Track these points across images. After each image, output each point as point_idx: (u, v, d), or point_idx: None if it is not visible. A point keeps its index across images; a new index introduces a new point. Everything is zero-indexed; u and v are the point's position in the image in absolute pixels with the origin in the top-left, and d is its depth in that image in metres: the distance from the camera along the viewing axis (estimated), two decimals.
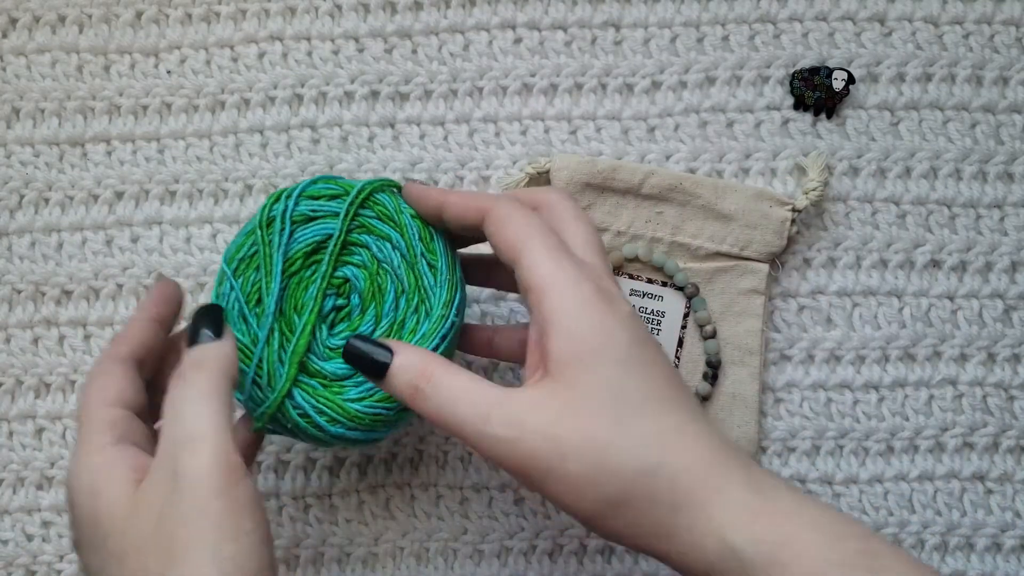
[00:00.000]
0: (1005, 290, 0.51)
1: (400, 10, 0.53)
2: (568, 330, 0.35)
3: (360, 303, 0.42)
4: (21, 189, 0.52)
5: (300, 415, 0.40)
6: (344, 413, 0.40)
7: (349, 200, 0.42)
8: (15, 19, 0.53)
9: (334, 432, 0.40)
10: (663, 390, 0.36)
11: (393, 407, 0.40)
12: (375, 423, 0.40)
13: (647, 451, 0.34)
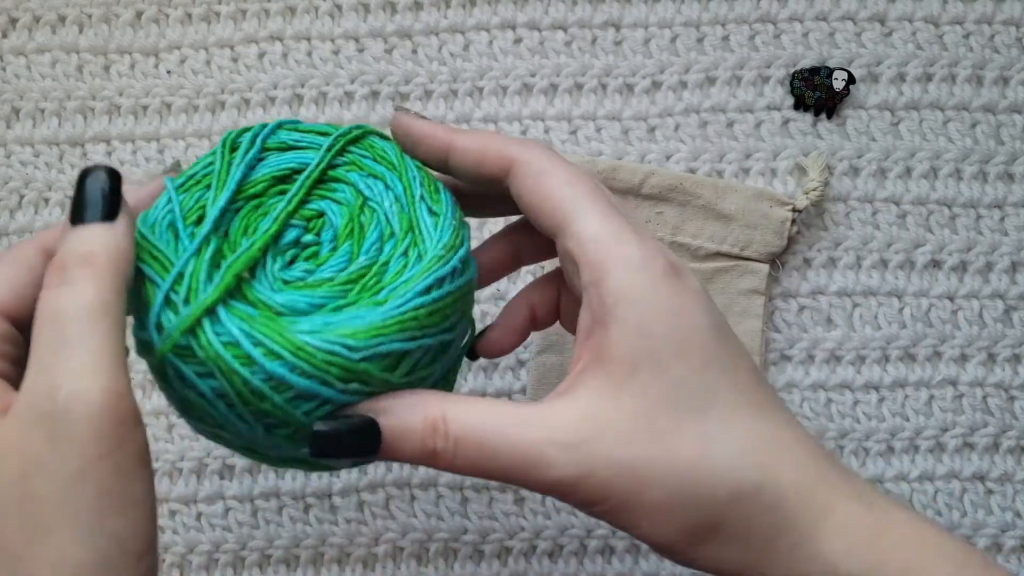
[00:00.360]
0: (1005, 290, 0.51)
1: (400, 10, 0.53)
2: (639, 323, 0.28)
3: (333, 241, 0.32)
4: (21, 189, 0.52)
5: (225, 344, 0.28)
6: (288, 344, 0.28)
7: (338, 133, 0.34)
8: (15, 19, 0.53)
9: (271, 369, 0.28)
10: (753, 390, 0.30)
11: (357, 346, 0.28)
12: (329, 367, 0.28)
13: (743, 470, 0.28)
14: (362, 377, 0.29)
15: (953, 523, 0.50)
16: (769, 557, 0.29)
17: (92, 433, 0.25)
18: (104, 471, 0.25)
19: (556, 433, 0.28)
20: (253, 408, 0.28)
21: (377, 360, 0.29)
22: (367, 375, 0.29)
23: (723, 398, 0.29)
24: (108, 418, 0.25)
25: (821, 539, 0.28)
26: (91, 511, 0.25)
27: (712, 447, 0.28)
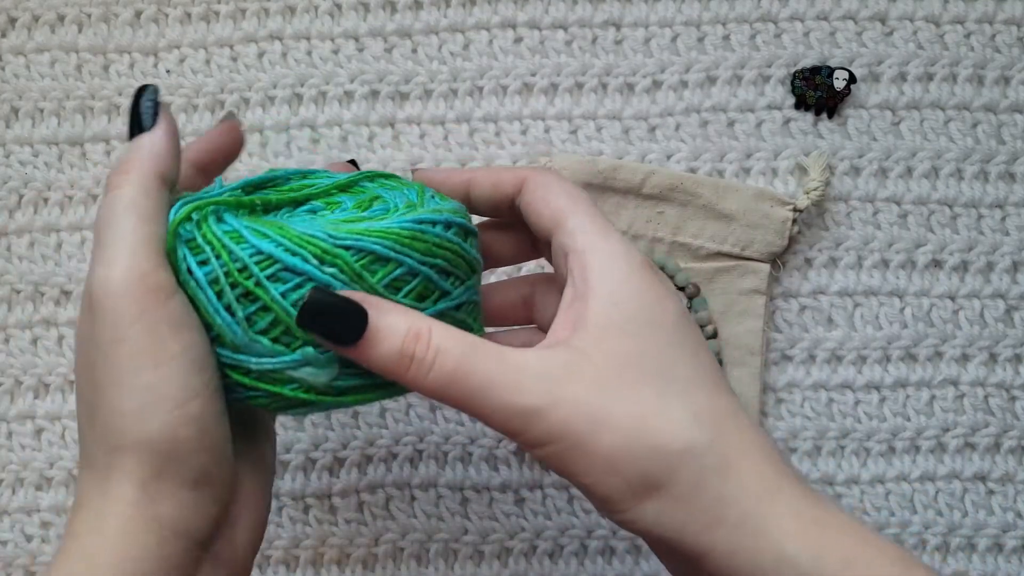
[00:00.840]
0: (1007, 290, 0.51)
1: (400, 9, 0.52)
2: (614, 294, 0.32)
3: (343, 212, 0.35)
4: (20, 189, 0.52)
5: (224, 232, 0.31)
6: (276, 228, 0.31)
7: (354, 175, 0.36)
8: (14, 18, 0.53)
9: (255, 243, 0.31)
10: (712, 374, 0.32)
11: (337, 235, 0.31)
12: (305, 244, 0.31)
13: (697, 428, 0.30)
14: (339, 263, 0.31)
15: (954, 523, 0.50)
16: (713, 525, 0.29)
17: (119, 306, 0.29)
18: (135, 335, 0.29)
19: (530, 365, 0.30)
20: (239, 288, 0.31)
21: (356, 253, 0.31)
22: (344, 262, 0.31)
23: (684, 372, 0.31)
24: (132, 293, 0.29)
25: (769, 516, 0.29)
26: (126, 369, 0.29)
27: (670, 405, 0.30)
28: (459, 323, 0.34)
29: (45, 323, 0.51)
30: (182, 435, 0.29)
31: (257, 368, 0.31)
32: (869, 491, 0.50)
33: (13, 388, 0.51)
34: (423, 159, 0.52)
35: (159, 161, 0.32)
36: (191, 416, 0.29)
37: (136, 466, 0.29)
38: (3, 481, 0.51)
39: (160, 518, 0.29)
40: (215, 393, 0.31)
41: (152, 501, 0.29)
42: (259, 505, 0.34)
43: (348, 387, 0.32)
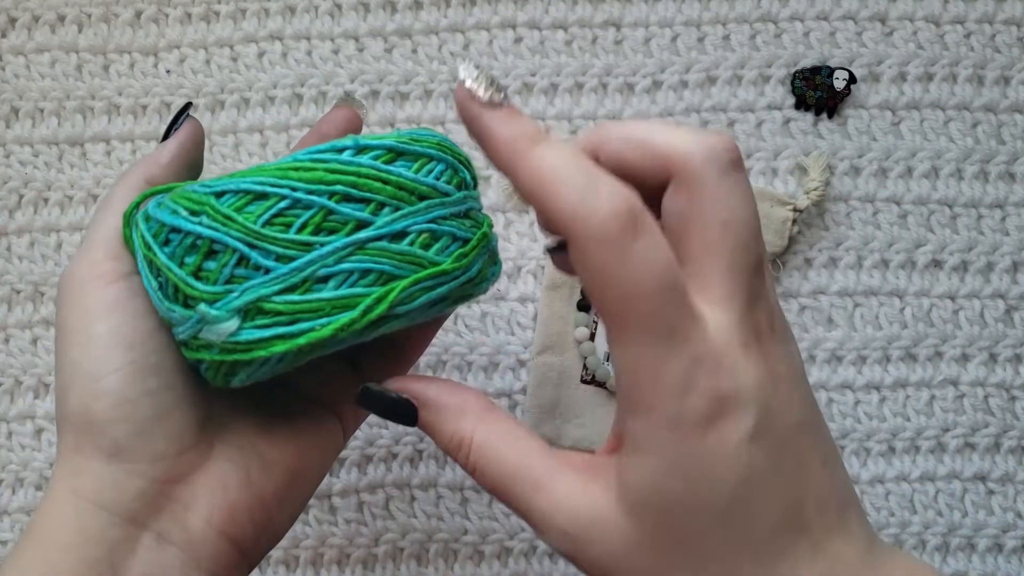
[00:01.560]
0: (1007, 290, 0.51)
1: (400, 9, 0.52)
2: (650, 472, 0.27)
3: None
4: (20, 189, 0.52)
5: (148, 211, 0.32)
6: (175, 196, 0.31)
7: None
8: (14, 18, 0.53)
9: (154, 215, 0.31)
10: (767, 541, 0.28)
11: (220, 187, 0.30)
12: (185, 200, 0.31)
13: None
14: (207, 210, 0.30)
15: (954, 523, 0.50)
16: None
17: (65, 293, 0.32)
18: (70, 317, 0.32)
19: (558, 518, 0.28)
20: (148, 261, 0.31)
21: (230, 196, 0.30)
22: (212, 208, 0.30)
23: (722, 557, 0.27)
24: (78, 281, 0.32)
25: None
26: (60, 348, 0.32)
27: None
28: (405, 257, 0.31)
29: (45, 323, 0.51)
30: (94, 408, 0.30)
31: (181, 339, 0.31)
32: (869, 491, 0.50)
33: (13, 388, 0.51)
34: None
35: (150, 167, 0.35)
36: (105, 390, 0.30)
37: (63, 438, 0.31)
38: (3, 481, 0.51)
39: (78, 490, 0.30)
40: (144, 370, 0.31)
41: (72, 473, 0.31)
42: (228, 496, 0.32)
43: (254, 340, 0.30)
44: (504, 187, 0.51)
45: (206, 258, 0.30)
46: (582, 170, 0.26)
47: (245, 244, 0.29)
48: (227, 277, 0.29)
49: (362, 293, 0.30)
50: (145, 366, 0.31)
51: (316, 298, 0.29)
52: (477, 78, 0.28)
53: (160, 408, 0.31)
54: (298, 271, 0.29)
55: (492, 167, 0.51)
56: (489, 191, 0.51)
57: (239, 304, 0.29)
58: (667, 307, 0.26)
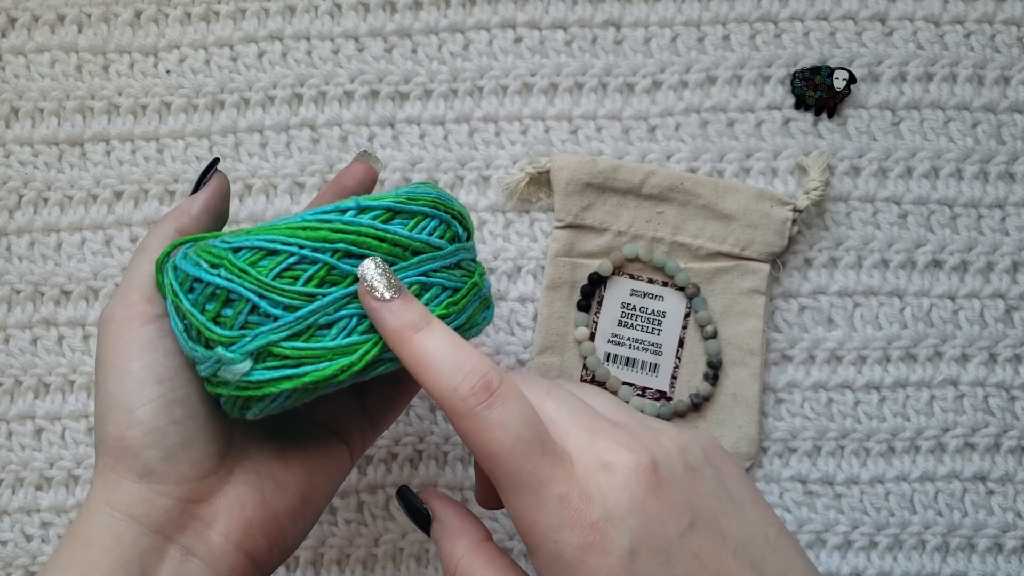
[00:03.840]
0: (1006, 290, 0.51)
1: (400, 9, 0.52)
2: None
3: None
4: (20, 189, 0.52)
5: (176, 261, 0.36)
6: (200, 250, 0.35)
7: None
8: (14, 18, 0.53)
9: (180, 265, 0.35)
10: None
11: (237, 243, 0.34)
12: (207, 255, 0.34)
13: None
14: (225, 263, 0.34)
15: (954, 523, 0.50)
16: None
17: (104, 332, 0.36)
18: (109, 354, 0.35)
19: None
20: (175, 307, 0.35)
21: (245, 252, 0.34)
22: (229, 262, 0.34)
23: None
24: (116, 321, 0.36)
25: None
26: (99, 382, 0.35)
27: None
28: None
29: (45, 323, 0.51)
30: (128, 435, 0.34)
31: (203, 375, 0.35)
32: (869, 491, 0.50)
33: (13, 388, 0.51)
34: (423, 159, 0.51)
35: (181, 217, 0.38)
36: (138, 420, 0.34)
37: (100, 459, 0.35)
38: (3, 481, 0.50)
39: (112, 503, 0.34)
40: (172, 403, 0.35)
41: (108, 489, 0.34)
42: (244, 514, 0.36)
43: (264, 380, 0.33)
44: (505, 187, 0.51)
45: (224, 306, 0.34)
46: (450, 352, 0.32)
47: (257, 295, 0.33)
48: (241, 323, 0.33)
49: (359, 341, 0.34)
50: (173, 399, 0.35)
51: (319, 346, 0.33)
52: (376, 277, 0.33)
53: (186, 436, 0.35)
54: (303, 319, 0.33)
55: (494, 169, 0.51)
56: (489, 191, 0.51)
57: (252, 348, 0.33)
58: (526, 461, 0.31)
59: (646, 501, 0.31)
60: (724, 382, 0.50)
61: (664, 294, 0.50)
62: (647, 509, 0.31)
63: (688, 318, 0.50)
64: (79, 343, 0.51)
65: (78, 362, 0.51)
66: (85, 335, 0.51)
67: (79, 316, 0.51)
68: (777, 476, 0.50)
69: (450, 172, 0.51)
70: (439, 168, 0.51)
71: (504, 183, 0.51)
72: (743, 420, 0.49)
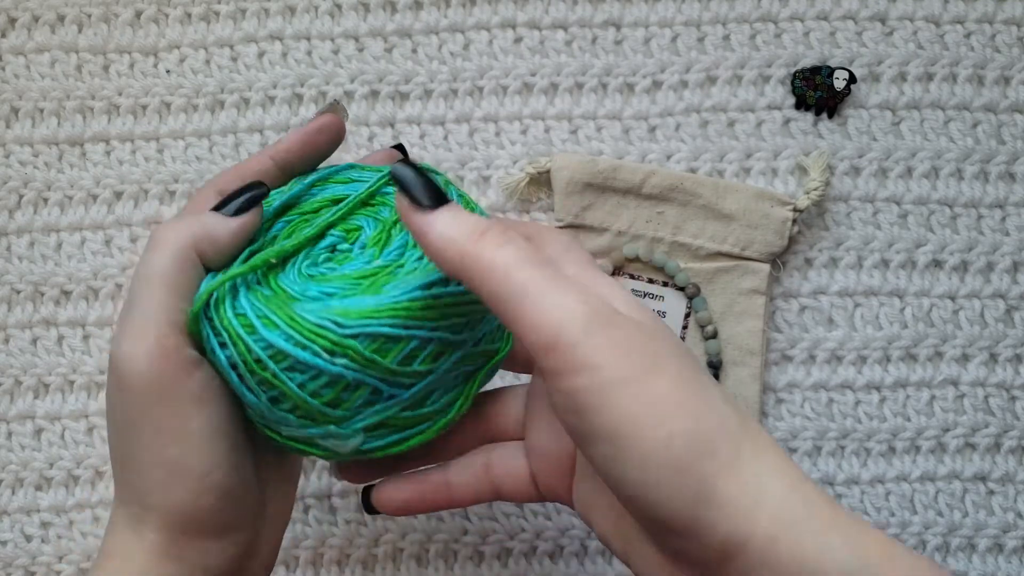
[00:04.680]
0: (1007, 290, 0.51)
1: (400, 9, 0.52)
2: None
3: (362, 248, 0.35)
4: (20, 189, 0.52)
5: (236, 314, 0.32)
6: (285, 316, 0.31)
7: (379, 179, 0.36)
8: (14, 18, 0.53)
9: (268, 337, 0.31)
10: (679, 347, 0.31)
11: (346, 323, 0.31)
12: (316, 337, 0.31)
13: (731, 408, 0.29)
14: (349, 353, 0.31)
15: (955, 523, 0.50)
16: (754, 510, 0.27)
17: (144, 386, 0.30)
18: (159, 414, 0.30)
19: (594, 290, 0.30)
20: (257, 377, 0.32)
21: (365, 339, 0.31)
22: (354, 351, 0.31)
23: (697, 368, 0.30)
24: (156, 372, 0.30)
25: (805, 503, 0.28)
26: (151, 445, 0.31)
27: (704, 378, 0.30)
28: (483, 353, 0.35)
29: (45, 323, 0.51)
30: (204, 503, 0.31)
31: (287, 434, 0.33)
32: (869, 491, 0.50)
33: (13, 388, 0.51)
34: (423, 159, 0.51)
35: (202, 241, 0.33)
36: (212, 485, 0.31)
37: (164, 522, 0.31)
38: (3, 481, 0.50)
39: (184, 558, 0.32)
40: (239, 456, 0.32)
41: (178, 546, 0.32)
42: (277, 534, 0.35)
43: (373, 447, 0.33)
44: (505, 187, 0.51)
45: (343, 391, 0.32)
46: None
47: (381, 381, 0.32)
48: (359, 404, 0.32)
49: (453, 397, 0.34)
50: (239, 447, 0.33)
51: (425, 411, 0.33)
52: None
53: (250, 484, 0.33)
54: (416, 393, 0.33)
55: (495, 169, 0.51)
56: (489, 191, 0.51)
57: (367, 424, 0.33)
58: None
59: None
60: (724, 382, 0.50)
61: (664, 294, 0.50)
62: None
63: (688, 318, 0.50)
64: (79, 343, 0.51)
65: (78, 362, 0.51)
66: (85, 335, 0.51)
67: (79, 316, 0.51)
68: None
69: (450, 172, 0.51)
70: (439, 168, 0.51)
71: (504, 183, 0.51)
72: None
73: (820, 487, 0.29)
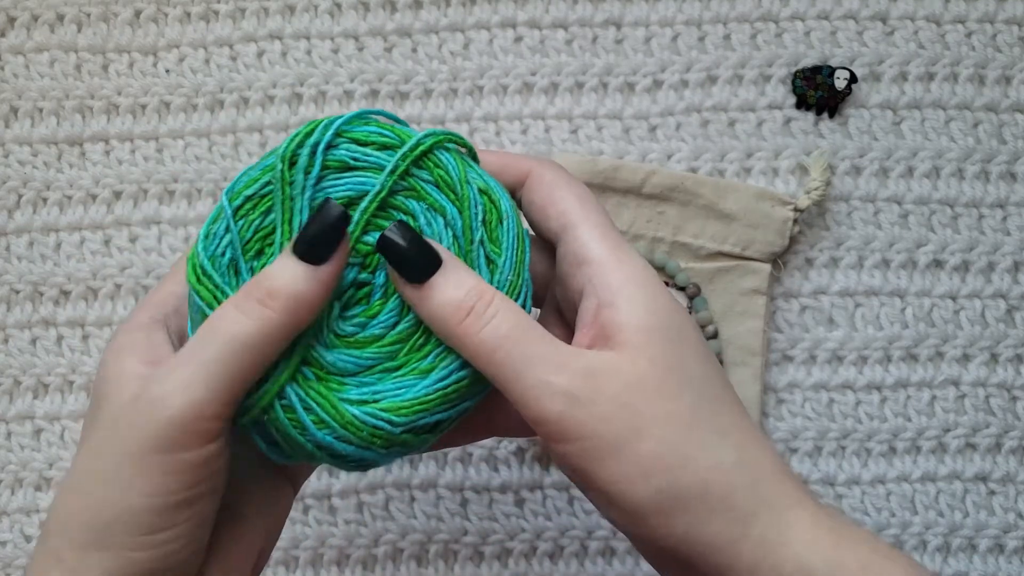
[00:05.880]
0: (1008, 290, 0.51)
1: (400, 8, 0.52)
2: (646, 301, 0.31)
3: (385, 284, 0.33)
4: (19, 189, 0.52)
5: (286, 409, 0.31)
6: (337, 416, 0.31)
7: (401, 153, 0.32)
8: (13, 18, 0.53)
9: (320, 439, 0.31)
10: (732, 390, 0.32)
11: (399, 422, 0.31)
12: (373, 439, 0.31)
13: (727, 443, 0.30)
14: (402, 447, 0.32)
15: (955, 524, 0.50)
16: (739, 540, 0.29)
17: (159, 432, 0.28)
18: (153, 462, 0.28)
19: (578, 355, 0.30)
20: (298, 453, 0.32)
21: (417, 431, 0.31)
22: (407, 445, 0.32)
23: (715, 387, 0.31)
24: (178, 428, 0.28)
25: (790, 528, 0.29)
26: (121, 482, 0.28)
27: (704, 418, 0.30)
28: None
29: (44, 323, 0.51)
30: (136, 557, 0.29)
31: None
32: (870, 491, 0.50)
33: (12, 388, 0.51)
34: None
35: (304, 311, 0.30)
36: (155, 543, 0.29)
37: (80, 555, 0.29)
38: (2, 481, 0.50)
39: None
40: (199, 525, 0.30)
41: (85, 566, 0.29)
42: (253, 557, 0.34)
43: None
44: None
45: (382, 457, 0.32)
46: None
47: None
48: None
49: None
50: (198, 523, 0.30)
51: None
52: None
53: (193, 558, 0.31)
54: None
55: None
56: None
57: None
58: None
59: None
60: None
61: None
62: None
63: None
64: (78, 343, 0.51)
65: (77, 362, 0.51)
66: (84, 335, 0.51)
67: (78, 316, 0.51)
68: None
69: None
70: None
71: None
72: None
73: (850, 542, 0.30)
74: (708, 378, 0.31)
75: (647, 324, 0.30)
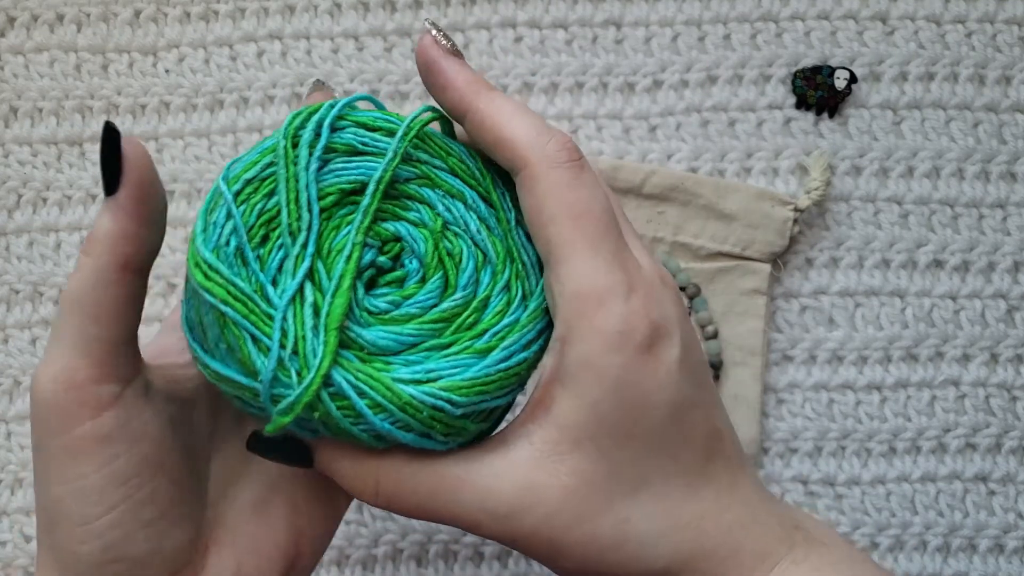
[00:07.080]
0: (1008, 290, 0.51)
1: (400, 8, 0.52)
2: (593, 402, 0.28)
3: (420, 270, 0.30)
4: (19, 189, 0.52)
5: (334, 397, 0.28)
6: (394, 398, 0.28)
7: (398, 136, 0.30)
8: (13, 18, 0.53)
9: (378, 427, 0.28)
10: (695, 470, 0.29)
11: (461, 402, 0.28)
12: (434, 422, 0.28)
13: (656, 554, 0.29)
14: (461, 432, 0.29)
15: (955, 524, 0.50)
16: None
17: (45, 414, 0.28)
18: (53, 447, 0.28)
19: (488, 502, 0.28)
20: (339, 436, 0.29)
21: (475, 416, 0.29)
22: (465, 430, 0.29)
23: (656, 481, 0.29)
24: (59, 402, 0.28)
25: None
26: (41, 477, 0.29)
27: (630, 531, 0.28)
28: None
29: (44, 323, 0.51)
30: (83, 550, 0.28)
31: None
32: (870, 492, 0.50)
33: (12, 388, 0.51)
34: None
35: (119, 244, 0.28)
36: (96, 533, 0.28)
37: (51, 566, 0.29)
38: (3, 482, 0.50)
39: None
40: (138, 504, 0.28)
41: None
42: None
43: None
44: None
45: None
46: (533, 113, 0.29)
47: None
48: None
49: None
50: (140, 500, 0.29)
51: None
52: (440, 31, 0.30)
53: (156, 537, 0.29)
54: None
55: None
56: None
57: None
58: (613, 230, 0.29)
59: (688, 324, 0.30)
60: (725, 383, 0.50)
61: None
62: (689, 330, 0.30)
63: (689, 318, 0.50)
64: None
65: None
66: None
67: None
68: (778, 477, 0.50)
69: None
70: None
71: None
72: (744, 421, 0.49)
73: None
74: (651, 473, 0.29)
75: (583, 429, 0.28)
